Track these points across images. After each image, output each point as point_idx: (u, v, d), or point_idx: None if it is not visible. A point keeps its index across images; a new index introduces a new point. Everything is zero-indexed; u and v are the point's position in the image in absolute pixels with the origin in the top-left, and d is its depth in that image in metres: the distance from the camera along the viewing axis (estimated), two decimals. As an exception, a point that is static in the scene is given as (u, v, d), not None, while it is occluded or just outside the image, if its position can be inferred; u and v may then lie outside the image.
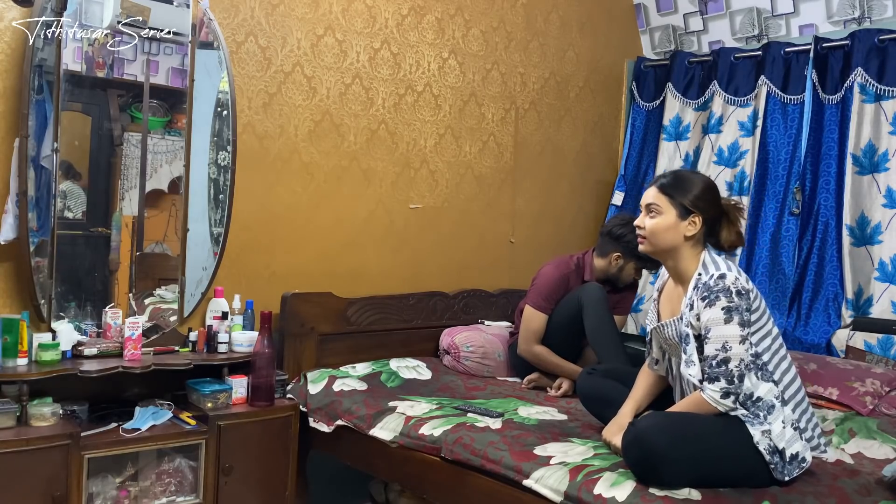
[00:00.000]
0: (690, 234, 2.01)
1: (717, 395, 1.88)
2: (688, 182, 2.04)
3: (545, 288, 3.00)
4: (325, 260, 3.06)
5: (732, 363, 1.87)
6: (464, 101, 3.47)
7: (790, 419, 1.92)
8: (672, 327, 2.06)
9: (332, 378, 2.76)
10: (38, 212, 2.37)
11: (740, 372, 1.88)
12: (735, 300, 1.89)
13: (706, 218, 2.02)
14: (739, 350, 1.87)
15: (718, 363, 1.88)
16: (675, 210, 2.02)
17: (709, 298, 1.90)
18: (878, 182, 3.18)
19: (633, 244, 2.95)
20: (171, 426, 2.41)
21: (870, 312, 3.13)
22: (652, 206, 2.05)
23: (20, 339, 2.25)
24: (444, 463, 2.27)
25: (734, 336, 1.88)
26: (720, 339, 1.88)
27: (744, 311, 1.89)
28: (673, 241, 2.03)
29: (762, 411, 1.90)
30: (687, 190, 2.02)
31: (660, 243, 2.04)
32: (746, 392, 1.90)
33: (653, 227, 2.04)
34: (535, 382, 2.97)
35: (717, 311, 1.89)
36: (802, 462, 1.90)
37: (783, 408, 1.92)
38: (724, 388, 1.87)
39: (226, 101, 2.69)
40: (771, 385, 1.92)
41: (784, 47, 3.48)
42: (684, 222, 2.01)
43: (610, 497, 1.81)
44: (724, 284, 1.90)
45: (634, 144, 4.05)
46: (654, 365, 2.22)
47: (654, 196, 2.05)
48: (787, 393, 1.95)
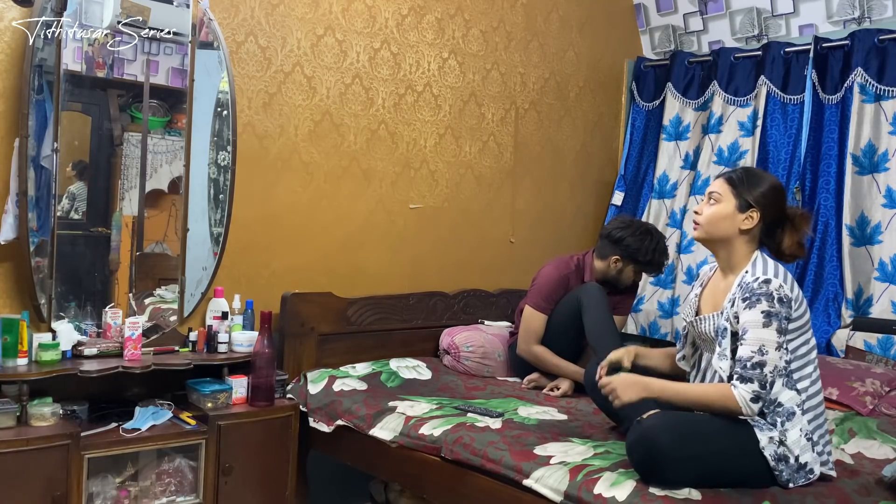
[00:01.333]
0: (746, 229, 1.99)
1: (748, 397, 1.85)
2: (755, 178, 2.03)
3: (545, 288, 3.00)
4: (324, 260, 3.06)
5: (767, 368, 1.85)
6: (464, 101, 3.47)
7: (806, 429, 1.91)
8: (710, 322, 2.04)
9: (332, 378, 2.76)
10: (38, 212, 2.37)
11: (773, 378, 1.86)
12: (776, 306, 1.87)
13: (765, 217, 2.00)
14: (775, 356, 1.85)
15: (753, 365, 1.86)
16: (735, 201, 2.00)
17: (750, 300, 1.89)
18: (878, 182, 3.19)
19: (632, 248, 2.97)
20: (171, 426, 2.41)
21: (870, 312, 3.13)
22: (713, 193, 2.04)
23: (20, 339, 2.25)
24: (443, 463, 2.27)
25: (771, 341, 1.86)
26: (757, 342, 1.86)
27: (783, 318, 1.87)
28: (727, 232, 2.01)
29: (780, 417, 1.89)
30: (752, 185, 2.01)
31: (713, 231, 2.03)
32: (771, 397, 1.89)
33: (710, 214, 2.03)
34: (535, 382, 2.97)
35: (756, 313, 1.87)
36: (810, 473, 1.89)
37: (802, 417, 1.91)
38: (756, 391, 1.85)
39: (226, 101, 2.69)
40: (794, 393, 1.91)
41: (784, 47, 3.48)
42: (742, 215, 1.99)
43: (610, 497, 1.81)
44: (767, 289, 1.88)
45: (634, 144, 4.05)
46: (682, 360, 2.21)
47: (718, 185, 2.05)
48: (807, 403, 1.94)
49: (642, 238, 2.97)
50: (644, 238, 2.98)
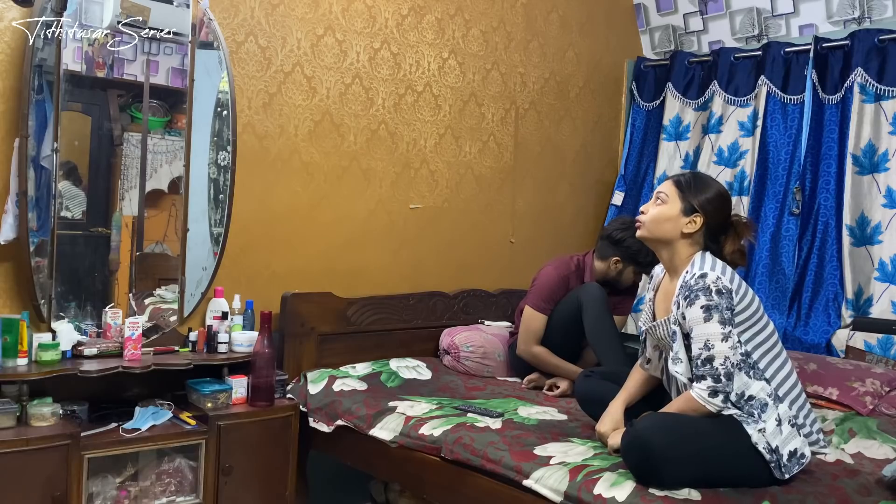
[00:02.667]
0: (688, 232, 2.03)
1: (704, 394, 1.88)
2: (702, 184, 2.07)
3: (545, 289, 3.00)
4: (325, 260, 3.06)
5: (717, 361, 1.88)
6: (464, 102, 3.47)
7: (786, 416, 1.92)
8: (664, 327, 2.07)
9: (332, 378, 2.76)
10: (38, 212, 2.37)
11: (726, 370, 1.88)
12: (714, 298, 1.89)
13: (709, 223, 2.03)
14: (722, 347, 1.88)
15: (703, 362, 1.89)
16: (680, 204, 2.05)
17: (689, 297, 1.92)
18: (878, 182, 3.18)
19: (632, 249, 2.96)
20: (171, 426, 2.41)
21: (870, 312, 3.13)
22: (660, 194, 2.09)
23: (20, 339, 2.25)
24: (443, 463, 2.27)
25: (715, 334, 1.88)
26: (702, 338, 1.90)
27: (724, 309, 1.90)
28: (669, 234, 2.05)
29: (756, 410, 1.90)
30: (699, 190, 2.05)
31: (655, 231, 2.07)
32: (738, 391, 1.91)
33: (654, 214, 2.08)
34: (534, 382, 2.97)
35: (696, 309, 1.91)
36: (801, 458, 1.90)
37: (777, 405, 1.92)
38: (711, 386, 1.87)
39: (226, 101, 2.69)
40: (763, 383, 1.93)
41: (784, 47, 3.48)
42: (685, 218, 2.04)
43: (610, 497, 1.81)
44: (703, 283, 1.91)
45: (634, 144, 4.05)
46: (646, 364, 2.23)
47: (666, 187, 2.10)
48: (781, 390, 1.95)
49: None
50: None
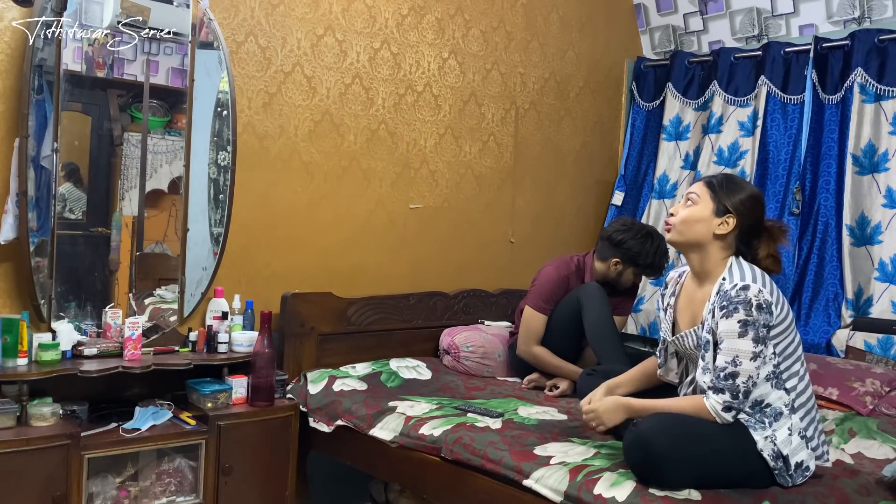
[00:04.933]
0: (721, 234, 1.96)
1: (718, 407, 1.85)
2: (735, 184, 2.00)
3: (545, 289, 3.00)
4: (324, 260, 3.06)
5: (740, 379, 1.83)
6: (464, 101, 3.47)
7: (797, 427, 1.90)
8: (691, 337, 2.01)
9: (332, 378, 2.76)
10: (38, 212, 2.37)
11: (747, 388, 1.84)
12: (753, 314, 1.83)
13: (741, 225, 1.96)
14: (749, 367, 1.83)
15: (726, 376, 1.85)
16: (712, 204, 1.97)
17: (727, 309, 1.86)
18: (878, 182, 3.18)
19: (632, 251, 2.96)
20: (171, 426, 2.41)
21: (870, 312, 3.13)
22: (691, 195, 2.01)
23: (20, 339, 2.25)
24: (443, 463, 2.27)
25: (746, 352, 1.83)
26: (731, 353, 1.84)
27: (760, 326, 1.84)
28: (701, 236, 1.97)
29: (768, 418, 1.88)
30: (732, 191, 1.98)
31: (686, 233, 1.99)
32: (757, 398, 1.87)
33: (685, 215, 1.99)
34: (535, 382, 2.97)
35: (733, 323, 1.84)
36: (806, 471, 1.89)
37: (791, 416, 1.90)
38: (728, 401, 1.84)
39: (226, 101, 2.69)
40: (782, 392, 1.90)
41: (784, 47, 3.48)
42: (718, 220, 1.96)
43: (610, 497, 1.81)
44: (745, 296, 1.84)
45: (634, 144, 4.05)
46: (662, 370, 2.18)
47: (697, 187, 2.02)
48: (797, 401, 1.92)
49: (643, 241, 2.97)
50: (645, 241, 2.97)
